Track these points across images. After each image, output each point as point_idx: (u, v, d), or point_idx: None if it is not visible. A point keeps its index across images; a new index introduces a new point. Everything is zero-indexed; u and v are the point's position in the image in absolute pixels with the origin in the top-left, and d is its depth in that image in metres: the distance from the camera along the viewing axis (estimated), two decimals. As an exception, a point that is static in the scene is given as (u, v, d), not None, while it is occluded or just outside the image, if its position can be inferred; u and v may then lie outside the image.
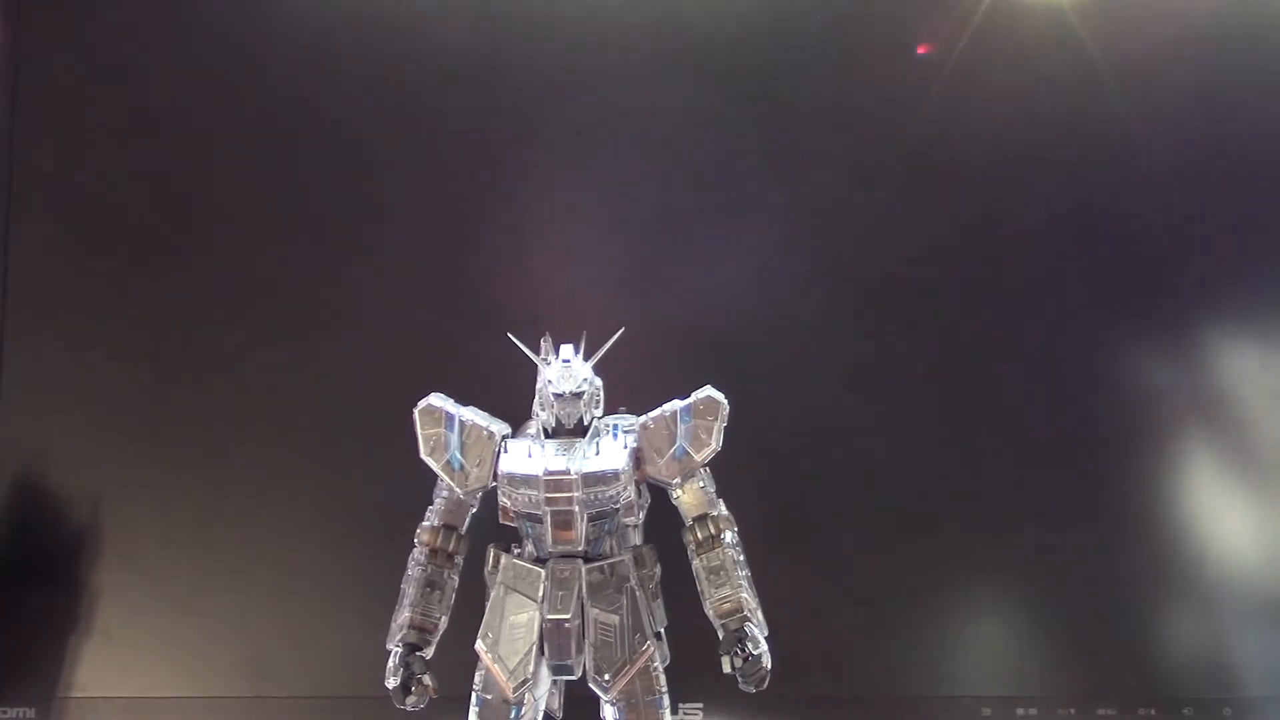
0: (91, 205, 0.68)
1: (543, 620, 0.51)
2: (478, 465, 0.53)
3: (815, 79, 0.68)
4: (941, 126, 0.67)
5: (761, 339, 0.66)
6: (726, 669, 0.51)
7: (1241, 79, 0.69)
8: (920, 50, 0.68)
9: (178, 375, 0.67)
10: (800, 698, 0.66)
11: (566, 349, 0.54)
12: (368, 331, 0.67)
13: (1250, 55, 0.69)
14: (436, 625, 0.54)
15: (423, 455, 0.54)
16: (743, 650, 0.51)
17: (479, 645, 0.52)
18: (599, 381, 0.54)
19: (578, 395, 0.53)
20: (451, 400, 0.55)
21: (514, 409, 0.56)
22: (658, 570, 0.54)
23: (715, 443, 0.53)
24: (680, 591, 0.54)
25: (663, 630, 0.54)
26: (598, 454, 0.52)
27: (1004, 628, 0.68)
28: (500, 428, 0.54)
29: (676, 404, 0.53)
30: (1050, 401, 0.67)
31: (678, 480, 0.53)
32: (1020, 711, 0.67)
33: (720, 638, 0.52)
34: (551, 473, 0.51)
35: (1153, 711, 0.66)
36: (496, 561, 0.54)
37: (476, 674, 0.52)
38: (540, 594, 0.51)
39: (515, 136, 0.68)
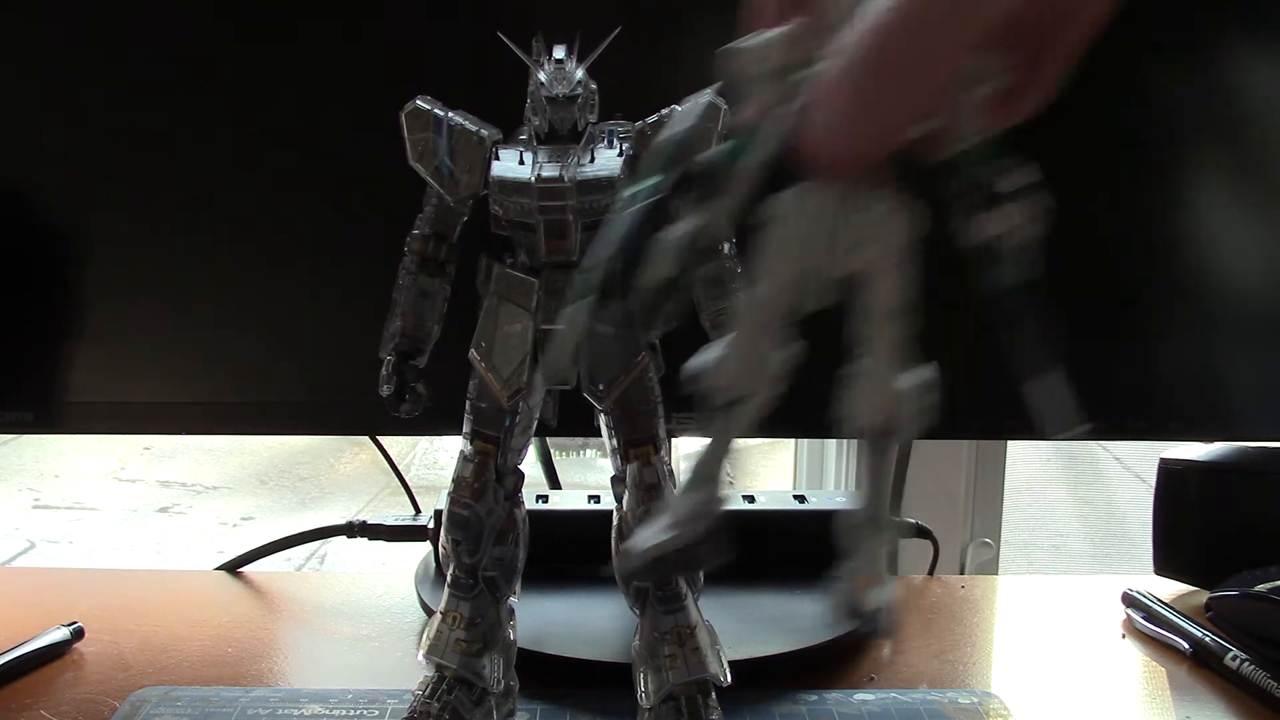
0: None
1: (536, 330, 0.50)
2: (468, 171, 0.51)
3: None
4: None
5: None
6: (722, 379, 0.51)
7: None
8: None
9: (163, 64, 0.63)
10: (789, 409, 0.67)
11: (559, 50, 0.50)
12: (358, 31, 0.63)
13: None
14: (429, 334, 0.53)
15: (411, 161, 0.51)
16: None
17: (472, 354, 0.51)
18: (594, 85, 0.51)
19: (571, 99, 0.50)
20: (439, 103, 0.52)
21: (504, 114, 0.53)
22: (653, 282, 0.53)
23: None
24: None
25: (657, 342, 0.54)
26: (592, 161, 0.50)
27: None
28: (490, 132, 0.52)
29: (675, 109, 0.51)
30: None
31: (676, 190, 0.51)
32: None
33: (716, 349, 0.51)
34: (545, 180, 0.49)
35: (1141, 424, 0.68)
36: (489, 272, 0.52)
37: (470, 383, 0.52)
38: (534, 304, 0.50)
39: None
